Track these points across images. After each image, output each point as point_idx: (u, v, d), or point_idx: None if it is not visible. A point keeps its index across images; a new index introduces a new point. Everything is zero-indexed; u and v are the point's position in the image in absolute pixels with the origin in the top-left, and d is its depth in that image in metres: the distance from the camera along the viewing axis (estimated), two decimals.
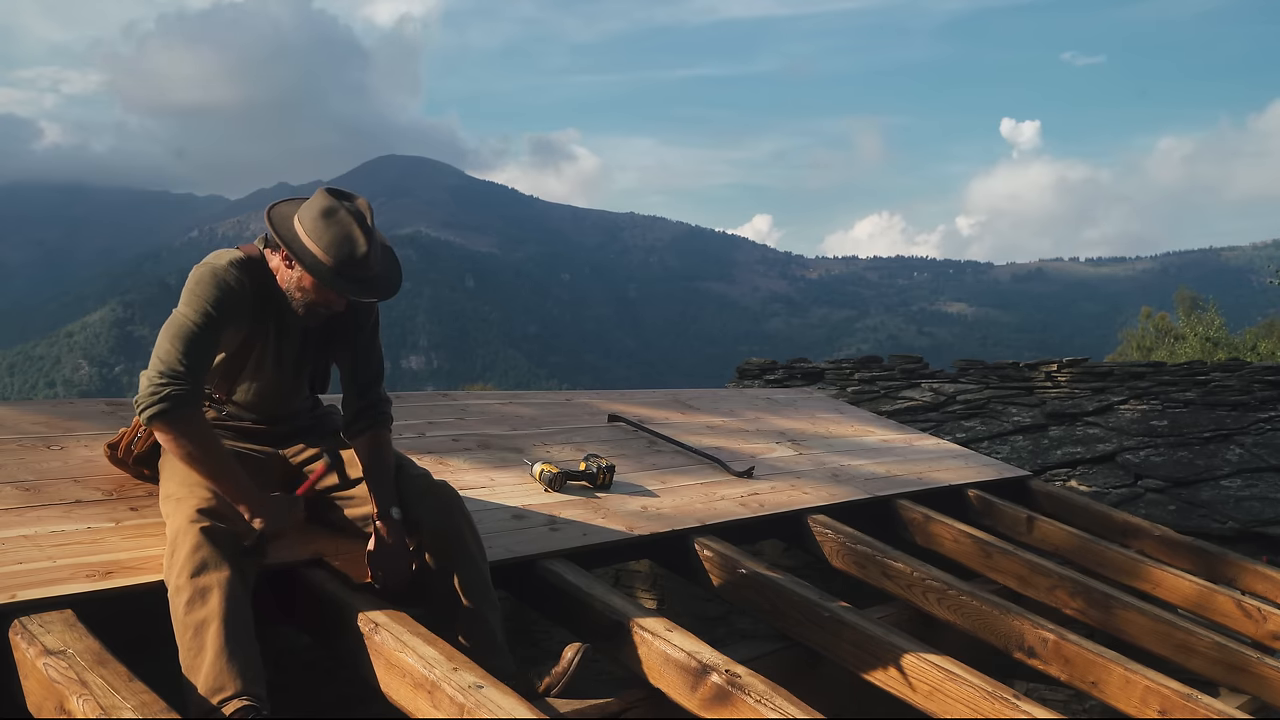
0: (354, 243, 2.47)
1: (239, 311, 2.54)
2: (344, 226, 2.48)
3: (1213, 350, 24.79)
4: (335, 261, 2.47)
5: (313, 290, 2.53)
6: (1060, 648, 3.24)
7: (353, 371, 2.79)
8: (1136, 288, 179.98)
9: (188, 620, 2.21)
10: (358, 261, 2.49)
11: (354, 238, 2.48)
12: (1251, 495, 5.30)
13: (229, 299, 2.50)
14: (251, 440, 2.74)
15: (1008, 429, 6.32)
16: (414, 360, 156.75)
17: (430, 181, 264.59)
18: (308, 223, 2.50)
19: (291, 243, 2.50)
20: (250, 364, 2.67)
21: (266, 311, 2.62)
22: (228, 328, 2.54)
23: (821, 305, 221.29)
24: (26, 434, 3.03)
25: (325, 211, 2.50)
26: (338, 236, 2.47)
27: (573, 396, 5.18)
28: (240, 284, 2.53)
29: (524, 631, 4.42)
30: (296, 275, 2.54)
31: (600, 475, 3.66)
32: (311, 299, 2.56)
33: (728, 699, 2.50)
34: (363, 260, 2.49)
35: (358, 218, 2.50)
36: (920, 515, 4.29)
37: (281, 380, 2.73)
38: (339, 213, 2.49)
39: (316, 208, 2.51)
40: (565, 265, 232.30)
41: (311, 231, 2.49)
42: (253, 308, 2.57)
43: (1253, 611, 3.93)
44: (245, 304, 2.55)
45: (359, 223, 2.49)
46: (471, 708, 2.17)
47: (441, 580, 2.61)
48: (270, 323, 2.64)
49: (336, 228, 2.48)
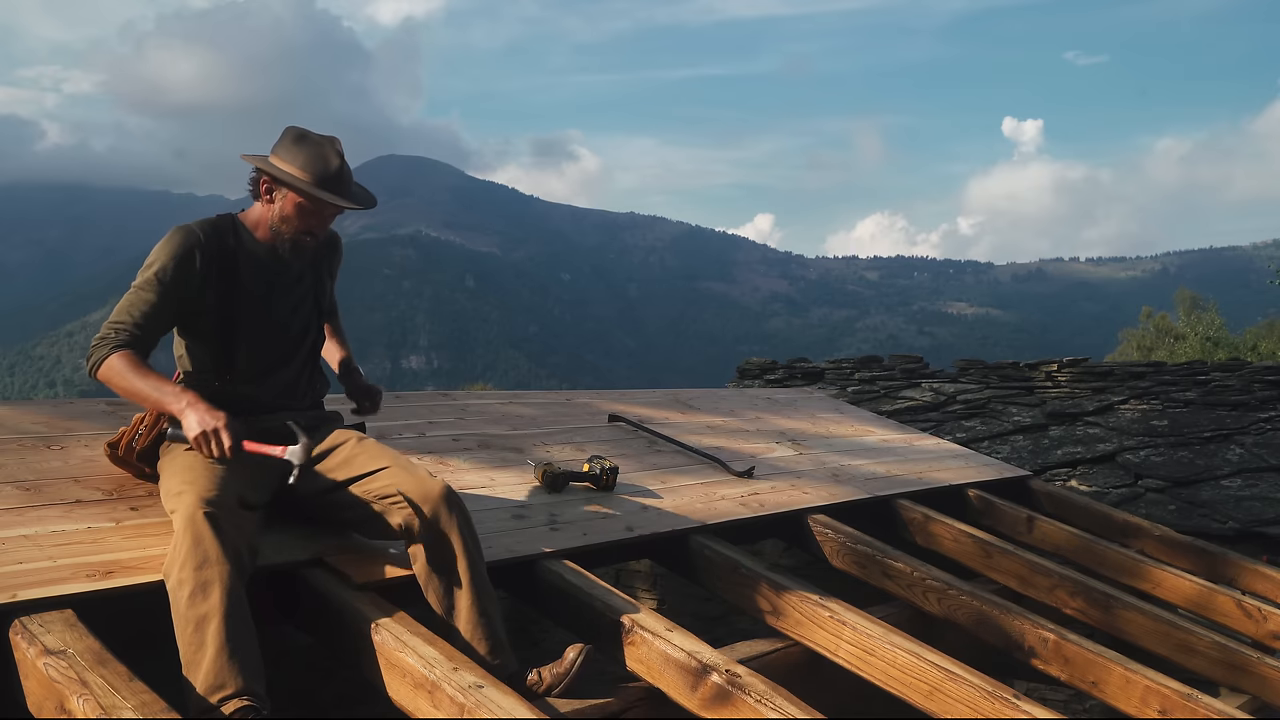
0: (327, 158, 2.67)
1: (190, 259, 2.64)
2: (316, 146, 2.68)
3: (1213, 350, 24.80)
4: (313, 176, 2.65)
5: (295, 215, 2.68)
6: (1060, 647, 3.24)
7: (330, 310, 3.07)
8: (1136, 288, 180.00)
9: (189, 615, 2.21)
10: (333, 174, 2.66)
11: (326, 155, 2.67)
12: (1251, 495, 5.30)
13: (180, 251, 2.64)
14: (257, 438, 2.73)
15: (1008, 429, 6.32)
16: (414, 360, 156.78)
17: (430, 181, 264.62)
18: (282, 151, 2.69)
19: (269, 169, 2.67)
20: (244, 324, 2.72)
21: (237, 263, 2.70)
22: (181, 276, 2.63)
23: (822, 305, 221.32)
24: (26, 434, 3.03)
25: (296, 138, 2.70)
26: (312, 155, 2.66)
27: (573, 396, 5.18)
28: (191, 234, 2.66)
29: (524, 631, 4.42)
30: (278, 206, 2.69)
31: (604, 477, 3.65)
32: (295, 226, 2.69)
33: (728, 699, 2.50)
34: (338, 173, 2.67)
35: (328, 140, 2.71)
36: (920, 515, 4.29)
37: (280, 337, 2.79)
38: (309, 136, 2.71)
39: (288, 138, 2.71)
40: (565, 265, 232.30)
41: (286, 155, 2.67)
42: (216, 254, 2.67)
43: (1253, 611, 3.93)
44: (199, 250, 2.65)
45: (330, 144, 2.70)
46: (472, 708, 2.17)
47: (442, 578, 2.60)
48: (248, 277, 2.72)
49: (310, 148, 2.67)
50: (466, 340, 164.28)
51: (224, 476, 2.50)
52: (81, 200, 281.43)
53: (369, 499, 2.67)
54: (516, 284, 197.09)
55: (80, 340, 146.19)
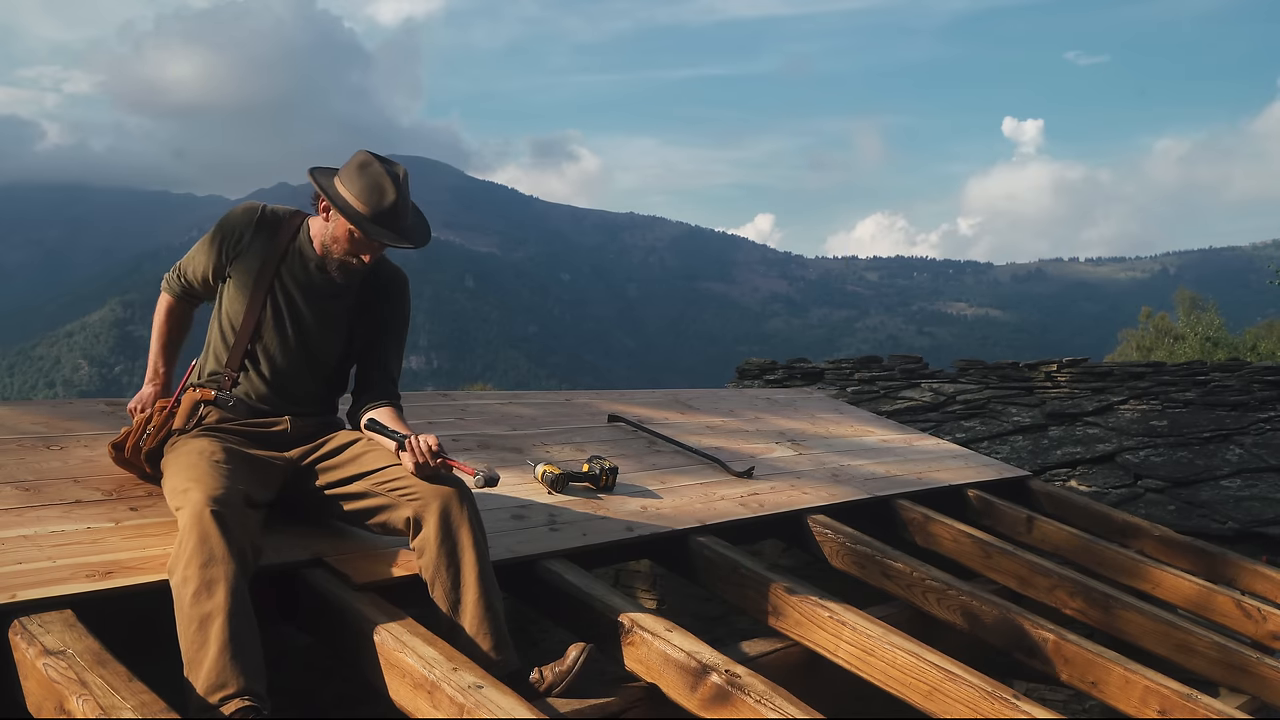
0: (384, 191, 2.67)
1: (248, 223, 2.79)
2: (376, 177, 2.68)
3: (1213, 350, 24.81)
4: (367, 207, 2.66)
5: (345, 240, 2.71)
6: (1060, 648, 3.24)
7: (377, 353, 2.94)
8: (1136, 288, 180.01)
9: (193, 613, 2.21)
10: (386, 209, 2.67)
11: (384, 187, 2.67)
12: (1251, 495, 5.30)
13: (243, 214, 2.82)
14: (259, 445, 2.74)
15: (1007, 429, 6.32)
16: (414, 360, 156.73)
17: (430, 182, 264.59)
18: (344, 174, 2.72)
19: (327, 189, 2.71)
20: (269, 325, 2.77)
21: (286, 253, 2.79)
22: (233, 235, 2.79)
23: (821, 305, 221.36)
24: (26, 434, 3.03)
25: (361, 165, 2.71)
26: (369, 184, 2.67)
27: (573, 396, 5.18)
28: (250, 214, 2.81)
29: (523, 631, 4.42)
30: (332, 227, 2.73)
31: (604, 477, 3.65)
32: (345, 250, 2.73)
33: (728, 699, 2.50)
34: (391, 208, 2.68)
35: (390, 173, 2.71)
36: (920, 515, 4.29)
37: (299, 343, 2.80)
38: (373, 166, 2.71)
39: (354, 163, 2.73)
40: (565, 265, 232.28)
41: (346, 181, 2.70)
42: (270, 233, 2.79)
43: (1253, 611, 3.93)
44: (258, 220, 2.79)
45: (391, 177, 2.70)
46: (471, 708, 2.17)
47: (450, 572, 2.60)
48: (288, 269, 2.79)
49: (369, 178, 2.68)
50: (466, 340, 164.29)
51: (230, 474, 2.50)
52: (81, 200, 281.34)
53: (380, 491, 2.68)
54: (516, 284, 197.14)
55: (80, 340, 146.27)
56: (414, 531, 2.63)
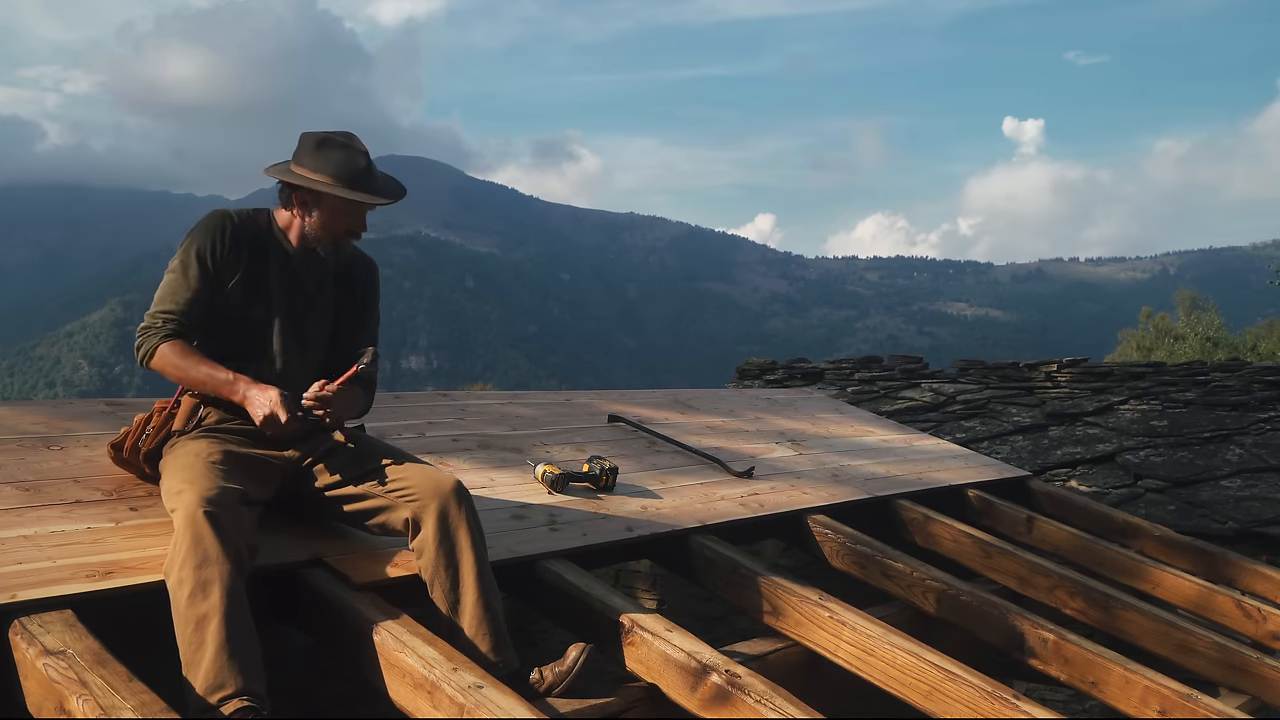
0: (354, 158, 2.69)
1: (223, 237, 2.70)
2: (341, 149, 2.69)
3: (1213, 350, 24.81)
4: (349, 180, 2.67)
5: (332, 219, 2.72)
6: (1060, 648, 3.24)
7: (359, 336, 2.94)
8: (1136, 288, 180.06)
9: (189, 614, 2.21)
10: (363, 172, 2.70)
11: (353, 155, 2.69)
12: (1251, 495, 5.30)
13: (213, 229, 2.69)
14: (258, 444, 2.74)
15: (1008, 429, 6.32)
16: (414, 360, 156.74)
17: (430, 182, 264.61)
18: (306, 160, 2.70)
19: (301, 182, 2.68)
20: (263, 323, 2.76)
21: (268, 253, 2.76)
22: (214, 253, 2.69)
23: (821, 305, 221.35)
24: (26, 434, 3.03)
25: (318, 144, 2.70)
26: (339, 158, 2.68)
27: (573, 397, 5.18)
28: (225, 216, 2.73)
29: (523, 631, 4.42)
30: (316, 217, 2.73)
31: (604, 477, 3.65)
32: (335, 230, 2.74)
33: (728, 699, 2.50)
34: (367, 171, 2.70)
35: (348, 139, 2.72)
36: (920, 515, 4.29)
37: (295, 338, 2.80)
38: (331, 139, 2.71)
39: (309, 145, 2.71)
40: (565, 265, 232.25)
41: (312, 164, 2.69)
42: (248, 238, 2.73)
43: (1253, 611, 3.93)
44: (231, 229, 2.71)
45: (351, 142, 2.71)
46: (471, 708, 2.17)
47: (449, 572, 2.60)
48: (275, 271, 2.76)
49: (335, 151, 2.69)
50: (466, 340, 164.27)
51: (225, 474, 2.50)
52: (81, 200, 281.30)
53: (378, 492, 2.68)
54: (516, 284, 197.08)
55: (80, 340, 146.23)
56: (413, 532, 2.63)
